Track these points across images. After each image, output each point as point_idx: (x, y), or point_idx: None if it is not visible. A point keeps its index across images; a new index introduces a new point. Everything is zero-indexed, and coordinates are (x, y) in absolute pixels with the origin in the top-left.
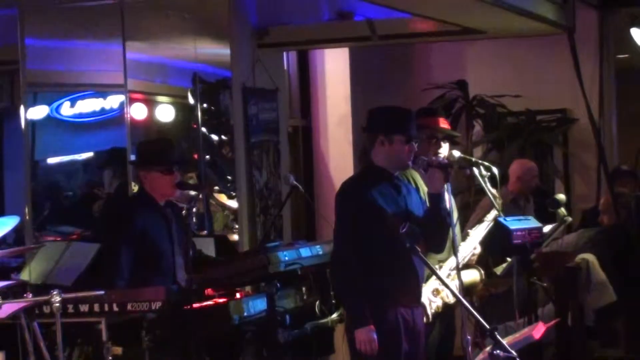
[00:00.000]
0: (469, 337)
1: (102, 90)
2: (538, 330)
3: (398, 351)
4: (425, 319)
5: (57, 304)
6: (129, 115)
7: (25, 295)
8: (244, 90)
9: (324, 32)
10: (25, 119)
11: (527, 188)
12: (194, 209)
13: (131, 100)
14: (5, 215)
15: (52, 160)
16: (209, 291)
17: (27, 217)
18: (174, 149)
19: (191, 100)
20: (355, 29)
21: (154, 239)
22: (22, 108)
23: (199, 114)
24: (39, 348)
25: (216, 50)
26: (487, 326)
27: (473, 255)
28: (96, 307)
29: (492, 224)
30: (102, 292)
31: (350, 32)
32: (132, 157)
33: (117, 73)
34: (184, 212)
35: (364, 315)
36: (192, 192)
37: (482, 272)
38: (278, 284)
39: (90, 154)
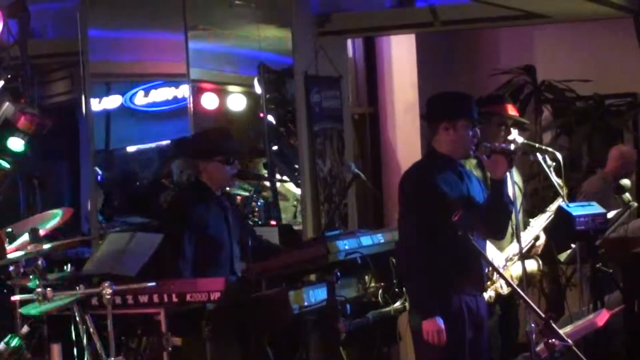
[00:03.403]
0: (533, 325)
1: (168, 80)
2: (602, 318)
3: (462, 339)
4: None
5: (108, 296)
6: (191, 105)
7: (77, 287)
8: (306, 78)
9: (385, 19)
10: (88, 109)
11: (622, 173)
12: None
13: (201, 90)
14: (63, 206)
15: (130, 149)
16: None
17: (90, 208)
18: (232, 139)
19: (258, 90)
20: (417, 15)
21: (212, 229)
22: (83, 98)
23: (265, 103)
24: (93, 340)
25: (281, 39)
26: (542, 315)
27: (536, 246)
28: (155, 298)
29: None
30: (153, 284)
31: (412, 19)
32: None
33: (183, 63)
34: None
35: (431, 305)
36: None
37: (541, 262)
38: (338, 273)
39: (164, 143)
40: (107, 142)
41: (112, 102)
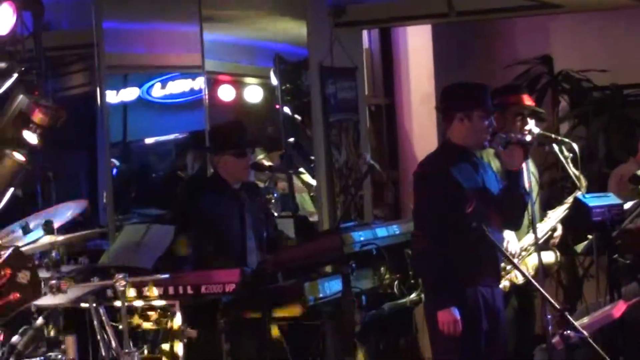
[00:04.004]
0: (549, 316)
1: (183, 72)
2: (619, 309)
3: (478, 330)
4: None
5: (122, 288)
6: (207, 97)
7: (91, 279)
8: (321, 69)
9: (400, 10)
10: (103, 101)
11: None
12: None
13: (218, 82)
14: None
15: (148, 141)
16: None
17: (105, 200)
18: (245, 131)
19: (274, 81)
20: (432, 6)
21: (223, 223)
22: (98, 90)
23: (281, 94)
24: (107, 332)
25: (296, 30)
26: (558, 306)
27: (554, 237)
28: (170, 290)
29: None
30: (167, 275)
31: (426, 9)
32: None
33: (199, 55)
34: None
35: (446, 296)
36: None
37: (559, 254)
38: (353, 265)
39: (180, 135)
40: (124, 134)
41: (129, 94)
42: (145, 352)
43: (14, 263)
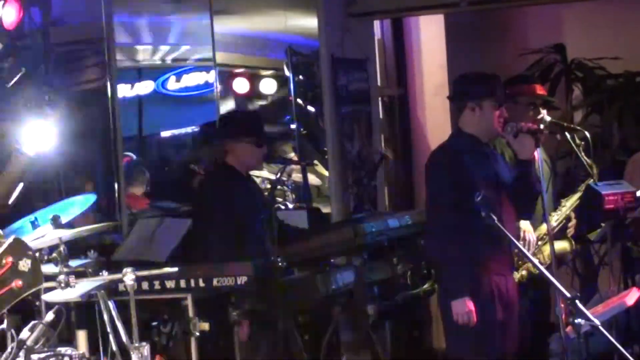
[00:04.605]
0: (562, 305)
1: (197, 66)
2: (632, 297)
3: (492, 320)
4: None
5: (130, 282)
6: (218, 90)
7: (100, 273)
8: (333, 60)
9: (411, 0)
10: (114, 95)
11: None
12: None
13: (233, 75)
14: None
15: (164, 134)
16: None
17: (117, 195)
18: (261, 121)
19: (287, 73)
20: None
21: (241, 211)
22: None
23: (293, 86)
24: (116, 326)
25: (309, 22)
26: (568, 295)
27: (569, 226)
28: (182, 283)
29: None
30: (176, 269)
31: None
32: None
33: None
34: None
35: (460, 286)
36: None
37: (574, 242)
38: (365, 256)
39: (195, 128)
40: (140, 127)
41: (145, 87)
42: (158, 345)
43: (15, 251)
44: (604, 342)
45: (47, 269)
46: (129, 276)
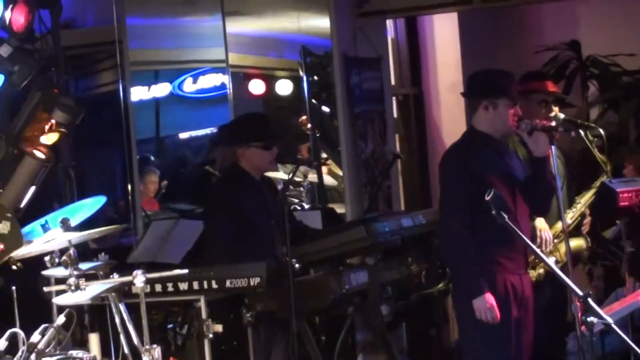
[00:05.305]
0: (578, 303)
1: (214, 67)
2: None
3: (508, 319)
4: None
5: (140, 284)
6: (231, 92)
7: (111, 276)
8: (346, 60)
9: None
10: (127, 97)
11: None
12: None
13: (248, 77)
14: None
15: (182, 136)
16: None
17: (130, 197)
18: (270, 124)
19: (302, 73)
20: None
21: (252, 215)
22: (120, 86)
23: (307, 86)
24: (127, 329)
25: (322, 22)
26: (580, 293)
27: (584, 224)
28: (195, 285)
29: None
30: (185, 271)
31: None
32: None
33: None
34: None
35: (479, 284)
36: None
37: (589, 239)
38: (379, 256)
39: (214, 129)
40: (157, 129)
41: (161, 89)
42: (172, 348)
43: None
44: (620, 340)
45: (58, 271)
46: (139, 278)
